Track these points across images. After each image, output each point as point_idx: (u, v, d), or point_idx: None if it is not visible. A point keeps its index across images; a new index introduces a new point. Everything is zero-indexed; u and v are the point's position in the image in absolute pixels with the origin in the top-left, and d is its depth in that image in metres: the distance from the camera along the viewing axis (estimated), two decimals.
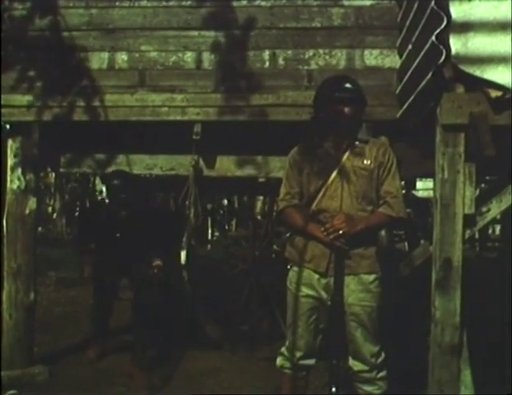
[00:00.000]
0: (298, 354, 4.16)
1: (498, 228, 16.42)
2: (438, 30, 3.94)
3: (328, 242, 3.94)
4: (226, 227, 20.86)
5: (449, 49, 3.90)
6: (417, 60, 4.43)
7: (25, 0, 5.63)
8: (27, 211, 5.71)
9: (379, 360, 4.07)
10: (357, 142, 4.08)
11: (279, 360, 4.31)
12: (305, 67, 5.42)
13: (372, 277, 4.04)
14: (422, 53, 4.28)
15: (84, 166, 5.95)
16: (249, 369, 6.02)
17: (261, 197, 12.77)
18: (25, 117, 5.61)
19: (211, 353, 6.41)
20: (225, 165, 5.75)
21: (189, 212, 5.74)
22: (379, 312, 4.06)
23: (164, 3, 5.55)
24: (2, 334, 5.73)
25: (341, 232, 3.90)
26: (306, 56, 5.42)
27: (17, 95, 5.58)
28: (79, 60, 5.60)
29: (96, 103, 5.55)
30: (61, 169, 6.09)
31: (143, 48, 5.56)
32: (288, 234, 4.35)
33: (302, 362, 4.18)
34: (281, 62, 5.44)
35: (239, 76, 5.45)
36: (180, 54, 5.53)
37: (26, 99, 5.58)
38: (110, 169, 5.91)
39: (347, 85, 4.07)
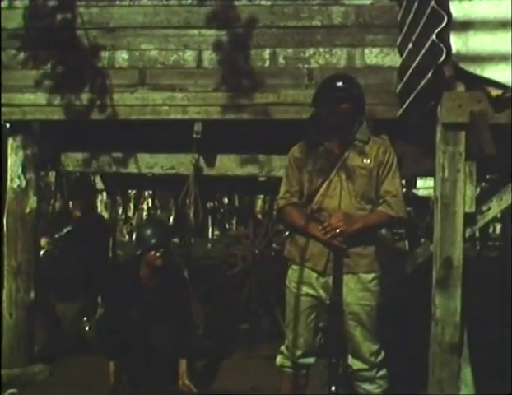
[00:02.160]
0: (298, 352, 4.16)
1: (498, 227, 16.43)
2: (438, 29, 3.93)
3: (325, 240, 3.94)
4: (227, 226, 20.89)
5: (449, 48, 3.90)
6: (418, 59, 4.43)
7: None
8: (27, 210, 5.71)
9: (379, 358, 4.08)
10: (357, 141, 4.08)
11: (279, 359, 4.32)
12: (306, 66, 5.41)
13: (371, 276, 4.04)
14: (423, 51, 4.27)
15: (84, 165, 5.94)
16: (249, 366, 6.01)
17: (261, 196, 12.78)
18: (26, 116, 5.61)
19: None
20: (226, 164, 5.75)
21: (189, 211, 5.74)
22: (378, 311, 4.07)
23: (164, 2, 5.54)
24: (3, 333, 5.73)
25: (338, 231, 3.91)
26: (306, 54, 5.41)
27: (18, 94, 5.58)
28: (80, 59, 5.59)
29: (97, 102, 5.55)
30: (61, 168, 6.09)
31: (143, 46, 5.55)
32: (288, 233, 4.35)
33: (302, 361, 4.19)
34: (281, 60, 5.44)
35: (240, 75, 5.44)
36: (181, 53, 5.52)
37: (27, 97, 5.58)
38: (112, 169, 5.92)
39: (339, 84, 4.07)
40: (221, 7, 5.47)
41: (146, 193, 19.46)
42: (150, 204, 20.19)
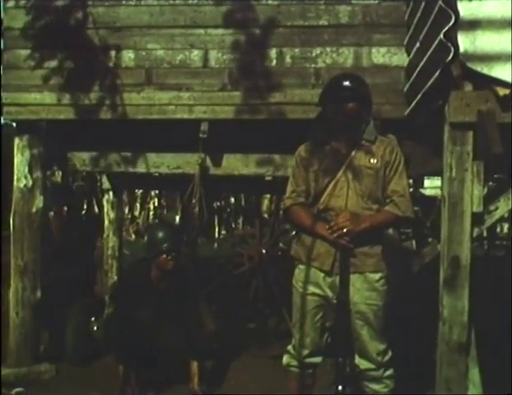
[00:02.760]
0: (304, 352, 4.16)
1: (506, 226, 16.37)
2: (446, 28, 3.92)
3: (332, 240, 3.93)
4: (233, 225, 20.86)
5: (457, 47, 3.88)
6: (425, 58, 4.42)
7: None
8: (34, 210, 5.72)
9: (386, 358, 4.08)
10: (364, 141, 4.07)
11: (285, 358, 4.32)
12: (312, 66, 5.40)
13: (378, 276, 4.04)
14: (430, 50, 4.26)
15: (91, 165, 5.95)
16: (255, 366, 6.01)
17: (268, 196, 12.78)
18: (32, 115, 5.61)
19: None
20: (232, 164, 5.74)
21: (195, 211, 5.73)
22: (385, 310, 4.06)
23: (170, 1, 5.54)
24: (9, 332, 5.75)
25: (345, 230, 3.90)
26: (313, 54, 5.40)
27: (24, 93, 5.59)
28: (87, 58, 5.59)
29: (104, 101, 5.55)
30: (67, 168, 6.10)
31: (150, 46, 5.55)
32: (294, 232, 4.34)
33: (308, 360, 4.19)
34: (288, 60, 5.43)
35: (246, 75, 5.44)
36: (187, 52, 5.52)
37: (33, 97, 5.58)
38: (118, 168, 5.92)
39: (346, 83, 4.06)
40: (227, 7, 5.46)
41: (153, 193, 19.47)
42: (156, 204, 20.18)
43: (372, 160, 4.03)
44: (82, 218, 9.04)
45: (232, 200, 19.95)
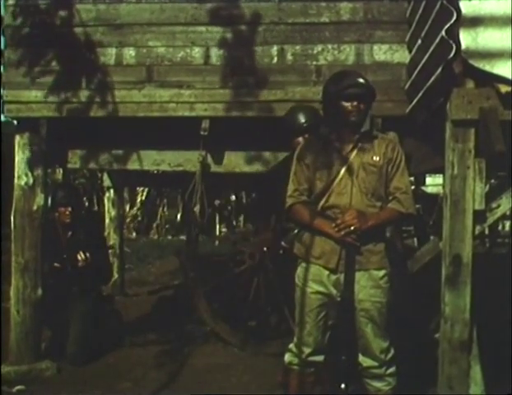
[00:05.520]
0: (306, 350, 4.14)
1: (508, 224, 16.36)
2: (448, 25, 3.91)
3: (339, 238, 3.92)
4: (234, 223, 20.88)
5: (458, 44, 3.88)
6: (427, 55, 4.41)
7: None
8: (35, 207, 5.71)
9: (389, 355, 4.06)
10: (366, 138, 4.05)
11: (287, 357, 4.30)
12: (314, 63, 5.40)
13: (382, 273, 4.02)
14: (432, 47, 4.26)
15: (91, 162, 5.94)
16: (257, 365, 6.01)
17: None
18: (33, 113, 5.60)
19: (219, 349, 6.41)
20: (233, 161, 5.74)
21: (195, 208, 5.72)
22: (388, 307, 4.06)
23: None
24: (10, 329, 5.74)
25: (352, 228, 3.88)
26: (315, 51, 5.40)
27: (25, 91, 5.58)
28: (87, 56, 5.58)
29: (104, 99, 5.54)
30: (68, 166, 6.09)
31: (151, 43, 5.55)
32: (296, 231, 4.33)
33: (311, 358, 4.17)
34: (289, 57, 5.43)
35: (247, 72, 5.43)
36: (188, 50, 5.51)
37: (34, 94, 5.57)
38: (119, 166, 5.91)
39: (360, 80, 4.02)
40: (228, 4, 5.45)
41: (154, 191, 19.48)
42: (158, 202, 20.21)
43: (375, 158, 4.01)
44: (86, 217, 8.98)
45: (233, 197, 19.98)
